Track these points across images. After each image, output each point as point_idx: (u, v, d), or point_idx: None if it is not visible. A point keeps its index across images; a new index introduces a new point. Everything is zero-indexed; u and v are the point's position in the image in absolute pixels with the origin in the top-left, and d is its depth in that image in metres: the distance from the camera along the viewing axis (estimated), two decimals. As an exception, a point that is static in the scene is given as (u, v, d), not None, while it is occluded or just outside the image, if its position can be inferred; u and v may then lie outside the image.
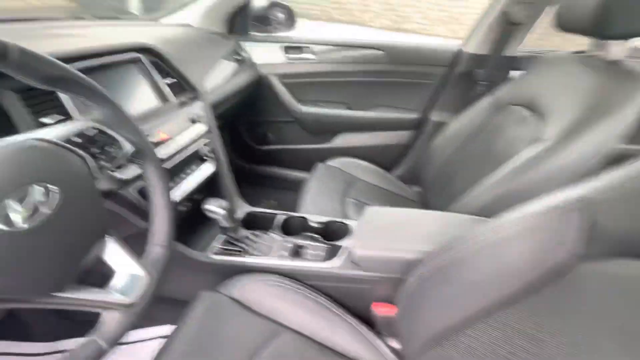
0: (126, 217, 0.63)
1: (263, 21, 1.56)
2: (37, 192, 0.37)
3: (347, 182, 1.34)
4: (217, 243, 0.90)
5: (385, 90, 1.54)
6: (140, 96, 0.83)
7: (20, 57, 0.38)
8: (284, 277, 0.82)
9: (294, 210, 1.11)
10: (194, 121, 0.93)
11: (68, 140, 0.43)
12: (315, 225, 0.96)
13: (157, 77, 0.86)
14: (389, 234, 0.81)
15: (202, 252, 0.88)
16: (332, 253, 0.86)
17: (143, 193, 0.74)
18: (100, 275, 0.47)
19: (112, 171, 0.64)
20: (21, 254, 0.34)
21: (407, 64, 1.49)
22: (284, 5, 1.62)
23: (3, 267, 0.33)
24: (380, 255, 0.77)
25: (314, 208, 1.13)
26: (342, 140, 1.62)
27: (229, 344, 0.65)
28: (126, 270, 0.47)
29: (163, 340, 0.80)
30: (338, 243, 0.88)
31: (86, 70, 0.71)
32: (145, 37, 0.90)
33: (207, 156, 0.96)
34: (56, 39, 0.76)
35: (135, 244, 0.54)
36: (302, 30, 1.54)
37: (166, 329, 1.03)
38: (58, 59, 0.67)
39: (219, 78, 1.19)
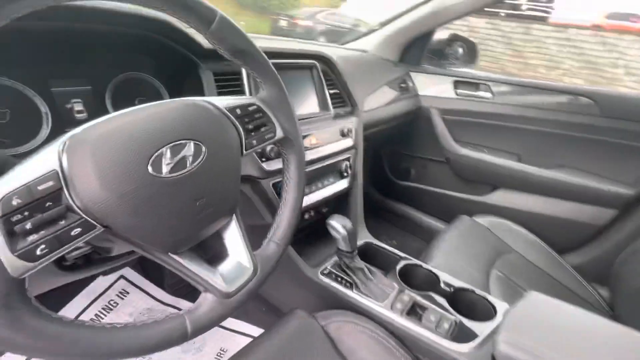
0: (256, 206, 0.62)
1: (439, 54, 1.48)
2: (190, 147, 0.36)
3: (496, 248, 1.07)
4: (330, 264, 0.82)
5: (582, 149, 1.18)
6: (306, 99, 0.86)
7: (219, 23, 0.40)
8: (390, 334, 0.66)
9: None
10: (343, 134, 0.91)
11: (232, 110, 0.43)
12: (446, 287, 0.77)
13: (324, 85, 0.88)
14: (558, 340, 0.54)
15: (313, 269, 0.81)
16: (461, 332, 0.65)
17: (277, 188, 0.73)
18: (215, 253, 0.45)
19: (260, 160, 0.66)
20: (156, 201, 0.34)
21: (625, 120, 1.10)
22: (467, 41, 1.50)
23: (139, 208, 0.32)
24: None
25: (446, 266, 0.92)
26: (501, 197, 1.32)
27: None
28: (238, 257, 0.44)
29: (247, 340, 0.77)
30: (475, 324, 0.66)
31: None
32: (324, 51, 0.94)
33: (345, 172, 0.92)
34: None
35: (254, 236, 0.51)
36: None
37: (254, 331, 1.01)
38: None
39: (378, 101, 1.16)
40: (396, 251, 0.88)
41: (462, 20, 1.40)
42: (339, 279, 0.77)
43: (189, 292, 1.11)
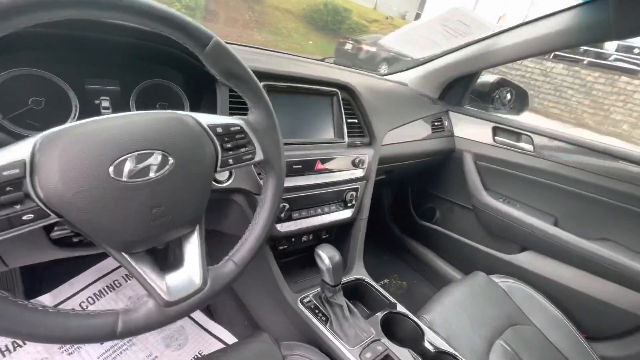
0: (249, 219, 0.63)
1: (484, 97, 1.41)
2: (156, 157, 0.38)
3: (509, 316, 0.96)
4: (313, 294, 0.80)
5: (631, 224, 1.03)
6: (321, 125, 0.87)
7: (213, 47, 0.43)
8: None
9: (417, 307, 0.87)
10: (355, 164, 0.89)
11: (213, 128, 0.45)
12: (430, 348, 0.70)
13: (342, 113, 0.88)
14: None
15: (295, 294, 0.79)
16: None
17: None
18: (171, 260, 0.46)
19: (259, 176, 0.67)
20: (111, 202, 0.36)
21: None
22: (516, 87, 1.41)
23: (91, 205, 0.35)
24: None
25: (442, 324, 0.84)
26: (529, 259, 1.19)
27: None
28: (190, 269, 0.45)
29: (220, 346, 0.76)
30: None
31: (287, 90, 0.80)
32: (351, 79, 0.95)
33: (350, 202, 0.90)
34: (279, 60, 0.90)
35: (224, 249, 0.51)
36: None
37: (230, 339, 1.00)
38: (270, 73, 0.80)
39: (404, 135, 1.13)
40: (387, 295, 0.83)
41: (536, 63, 1.31)
42: (316, 311, 0.75)
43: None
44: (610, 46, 7.22)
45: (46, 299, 0.98)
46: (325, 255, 0.71)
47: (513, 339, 0.91)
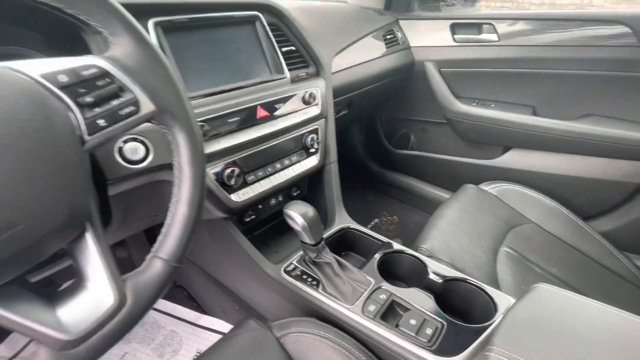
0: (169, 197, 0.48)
1: (433, -5, 1.24)
2: None
3: (506, 220, 0.90)
4: (296, 259, 0.70)
5: (615, 91, 0.96)
6: (250, 62, 0.70)
7: None
8: (360, 345, 0.53)
9: (413, 239, 0.80)
10: (306, 102, 0.75)
11: (51, 78, 0.29)
12: (436, 278, 0.63)
13: (273, 42, 0.71)
14: (570, 356, 0.40)
15: (275, 265, 0.69)
16: (448, 339, 0.51)
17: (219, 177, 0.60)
18: (64, 283, 0.33)
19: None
20: None
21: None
22: (466, -27, 1.25)
23: None
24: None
25: (443, 248, 0.77)
26: (514, 158, 1.13)
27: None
28: (96, 286, 0.32)
29: (217, 337, 0.68)
30: (468, 328, 0.53)
31: (195, 24, 0.62)
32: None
33: (312, 147, 0.77)
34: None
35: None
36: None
37: (226, 327, 0.92)
38: (162, 4, 0.60)
39: (355, 58, 0.97)
40: (378, 236, 0.74)
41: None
42: (304, 277, 0.65)
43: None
44: None
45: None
46: (296, 213, 0.60)
47: (515, 241, 0.86)
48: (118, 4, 0.33)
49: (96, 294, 0.31)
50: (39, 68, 0.29)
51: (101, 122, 0.31)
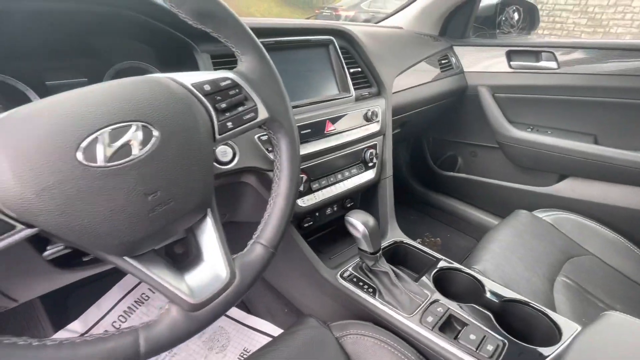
0: (249, 204, 0.54)
1: (489, 23, 1.27)
2: (136, 130, 0.30)
3: (563, 250, 0.88)
4: (352, 266, 0.73)
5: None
6: (322, 81, 0.77)
7: None
8: (418, 353, 0.55)
9: (459, 262, 0.80)
10: (368, 119, 0.80)
11: (199, 87, 0.36)
12: (493, 298, 0.63)
13: (343, 64, 0.78)
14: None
15: (332, 270, 0.72)
16: (510, 358, 0.51)
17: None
18: (188, 257, 0.39)
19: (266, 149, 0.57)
20: (90, 196, 0.28)
21: None
22: (523, 2, 1.27)
23: (65, 205, 0.27)
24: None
25: (496, 272, 0.77)
26: (571, 187, 1.10)
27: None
28: (213, 262, 0.37)
29: (266, 339, 0.71)
30: (530, 349, 0.52)
31: (276, 46, 0.69)
32: (343, 26, 0.84)
33: (370, 161, 0.81)
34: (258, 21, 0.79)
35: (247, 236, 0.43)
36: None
37: (278, 332, 0.95)
38: (252, 28, 0.69)
39: (412, 80, 1.02)
40: (432, 252, 0.76)
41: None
42: (361, 284, 0.68)
43: None
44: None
45: (76, 326, 0.93)
46: (359, 222, 0.63)
47: (574, 272, 0.83)
48: (249, 30, 0.41)
49: (213, 268, 0.36)
50: (189, 79, 0.37)
51: (229, 124, 0.38)
